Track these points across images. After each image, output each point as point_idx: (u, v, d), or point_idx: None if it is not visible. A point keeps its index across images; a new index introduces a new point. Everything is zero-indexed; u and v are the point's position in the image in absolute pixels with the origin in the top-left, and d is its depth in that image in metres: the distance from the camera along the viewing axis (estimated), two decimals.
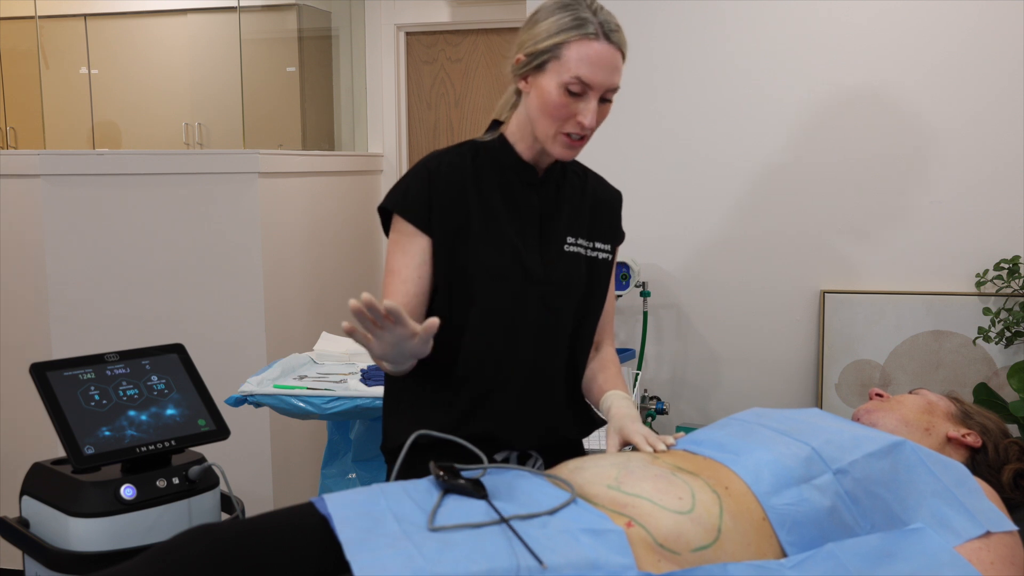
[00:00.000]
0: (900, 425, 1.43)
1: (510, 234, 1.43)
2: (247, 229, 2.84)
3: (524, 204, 1.45)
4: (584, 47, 1.31)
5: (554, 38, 1.32)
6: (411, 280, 1.42)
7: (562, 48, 1.32)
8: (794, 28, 2.64)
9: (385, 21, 4.20)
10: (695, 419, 2.84)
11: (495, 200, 1.44)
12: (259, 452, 2.89)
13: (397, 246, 1.44)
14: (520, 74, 1.39)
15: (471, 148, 1.48)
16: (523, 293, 1.43)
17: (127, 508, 1.37)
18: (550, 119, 1.36)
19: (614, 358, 1.57)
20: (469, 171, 1.44)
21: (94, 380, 1.46)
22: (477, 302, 1.42)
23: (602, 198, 1.55)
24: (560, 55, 1.32)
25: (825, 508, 1.20)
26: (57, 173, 2.77)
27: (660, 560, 1.10)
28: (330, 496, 1.18)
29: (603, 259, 1.52)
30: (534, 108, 1.37)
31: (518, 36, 1.40)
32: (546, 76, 1.34)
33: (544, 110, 1.35)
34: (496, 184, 1.45)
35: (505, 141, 1.46)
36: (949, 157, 2.58)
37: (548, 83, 1.34)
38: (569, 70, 1.32)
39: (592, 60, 1.31)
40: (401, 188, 1.44)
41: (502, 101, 1.50)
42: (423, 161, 1.46)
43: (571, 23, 1.32)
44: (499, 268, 1.41)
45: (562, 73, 1.32)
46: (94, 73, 4.52)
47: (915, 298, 2.61)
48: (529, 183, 1.46)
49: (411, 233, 1.42)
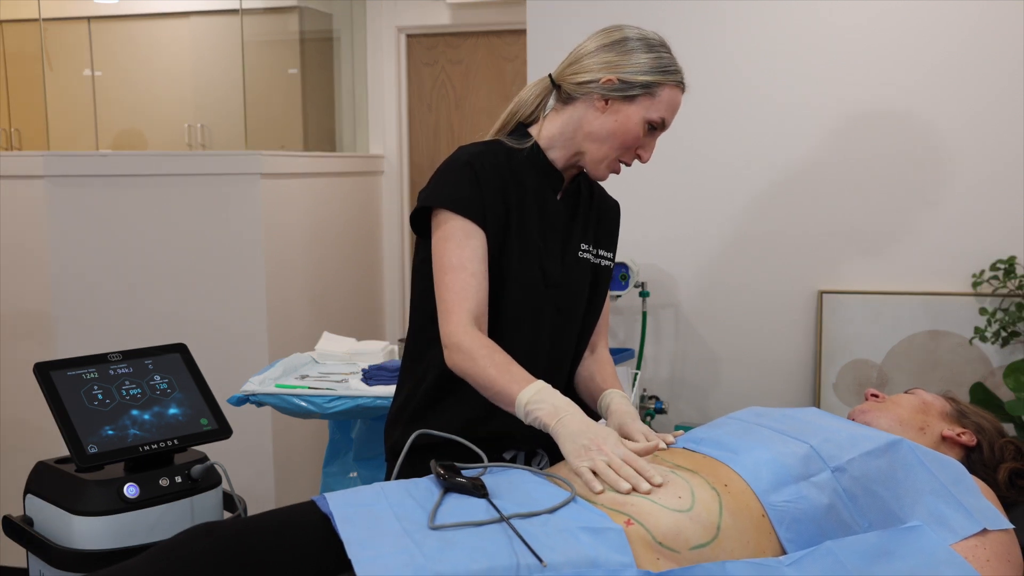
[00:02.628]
0: (895, 424, 1.43)
1: (536, 239, 1.44)
2: (249, 229, 2.86)
3: (552, 211, 1.47)
4: (674, 94, 1.41)
5: (654, 75, 1.39)
6: (479, 274, 1.37)
7: (659, 88, 1.39)
8: (794, 30, 2.65)
9: (386, 23, 4.22)
10: (694, 418, 2.85)
11: (529, 205, 1.44)
12: (261, 451, 2.90)
13: (453, 240, 1.37)
14: (605, 94, 1.39)
15: (504, 151, 1.46)
16: (541, 297, 1.45)
17: (130, 507, 1.37)
18: (617, 146, 1.41)
19: (609, 359, 1.60)
20: (508, 174, 1.43)
21: (97, 380, 1.46)
22: (503, 303, 1.43)
23: (605, 208, 1.59)
24: (655, 94, 1.39)
25: (823, 506, 1.21)
26: (61, 175, 2.78)
27: (659, 558, 1.10)
28: (331, 495, 1.19)
29: (605, 266, 1.56)
30: (603, 130, 1.40)
31: (599, 54, 1.40)
32: (634, 107, 1.39)
33: (616, 137, 1.40)
34: (530, 189, 1.45)
35: (538, 148, 1.46)
36: (947, 157, 2.58)
37: (634, 115, 1.39)
38: (659, 110, 1.40)
39: (673, 107, 1.42)
40: (447, 185, 1.40)
41: (526, 102, 1.49)
42: (463, 158, 1.42)
43: (669, 67, 1.40)
44: (526, 272, 1.43)
45: (651, 111, 1.40)
46: (97, 75, 4.53)
47: (912, 298, 2.61)
48: (555, 191, 1.49)
49: (466, 228, 1.38)
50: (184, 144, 4.43)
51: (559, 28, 2.77)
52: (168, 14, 4.42)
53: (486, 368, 1.31)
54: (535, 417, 1.27)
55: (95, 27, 4.53)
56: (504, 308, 1.43)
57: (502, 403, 1.32)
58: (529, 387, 1.29)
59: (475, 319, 1.35)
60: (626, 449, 1.24)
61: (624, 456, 1.22)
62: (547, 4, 2.80)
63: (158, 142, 4.52)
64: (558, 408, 1.27)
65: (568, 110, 1.44)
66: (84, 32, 4.53)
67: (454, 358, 1.34)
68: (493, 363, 1.31)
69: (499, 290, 1.42)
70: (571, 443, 1.23)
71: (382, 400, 1.99)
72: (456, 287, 1.35)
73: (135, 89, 4.51)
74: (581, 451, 1.22)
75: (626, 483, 1.18)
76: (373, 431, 2.24)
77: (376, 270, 4.12)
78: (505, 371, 1.31)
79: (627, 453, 1.23)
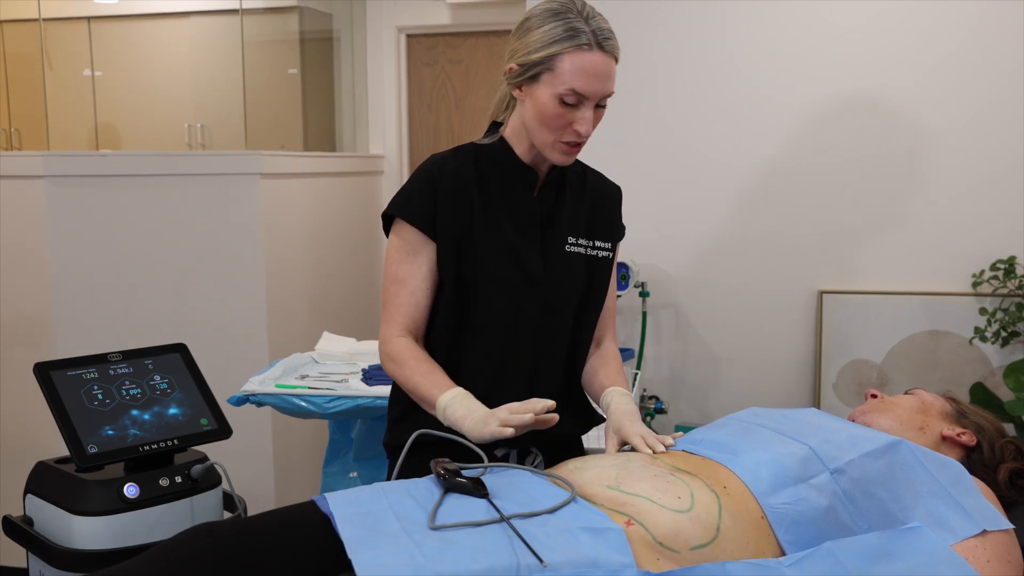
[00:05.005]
0: (895, 425, 1.43)
1: (512, 238, 1.43)
2: (249, 230, 2.86)
3: (526, 207, 1.46)
4: (578, 58, 1.30)
5: (547, 49, 1.31)
6: (420, 291, 1.44)
7: (555, 60, 1.31)
8: (793, 28, 2.65)
9: (386, 23, 4.22)
10: (694, 419, 2.85)
11: (497, 204, 1.44)
12: (261, 451, 2.90)
13: (402, 253, 1.44)
14: (514, 83, 1.39)
15: (472, 151, 1.48)
16: (524, 296, 1.44)
17: (130, 507, 1.37)
18: (547, 129, 1.36)
19: (615, 353, 1.57)
20: (472, 175, 1.44)
21: (97, 380, 1.46)
22: (479, 305, 1.43)
23: (602, 195, 1.55)
24: (554, 67, 1.31)
25: (823, 507, 1.21)
26: (60, 174, 2.78)
27: (659, 558, 1.10)
28: (331, 495, 1.19)
29: (603, 257, 1.52)
30: (530, 117, 1.38)
31: (509, 43, 1.39)
32: (540, 87, 1.34)
33: (540, 120, 1.36)
34: (498, 188, 1.45)
35: (505, 144, 1.46)
36: (946, 158, 2.59)
37: (543, 94, 1.33)
38: (564, 82, 1.31)
39: (587, 71, 1.31)
40: (405, 194, 1.44)
41: (496, 102, 1.50)
42: (425, 166, 1.46)
43: (564, 33, 1.31)
44: (501, 272, 1.42)
45: (556, 85, 1.32)
46: (97, 75, 4.53)
47: (912, 298, 2.61)
48: (530, 186, 1.47)
49: (416, 240, 1.43)
50: (184, 144, 4.43)
51: None
52: (168, 14, 4.42)
53: (411, 375, 1.40)
54: (450, 418, 1.34)
55: (95, 27, 4.53)
56: (480, 309, 1.43)
57: (426, 407, 1.40)
58: (447, 392, 1.36)
59: (409, 332, 1.45)
60: None
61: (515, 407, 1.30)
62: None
63: (158, 142, 4.52)
64: (471, 409, 1.33)
65: (519, 106, 1.43)
66: (84, 32, 4.53)
67: (386, 365, 1.45)
68: (418, 371, 1.39)
69: (472, 292, 1.43)
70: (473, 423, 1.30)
71: (382, 400, 1.99)
72: (397, 301, 1.45)
73: (135, 89, 4.51)
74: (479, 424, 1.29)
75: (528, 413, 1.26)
76: (373, 431, 2.24)
77: (376, 270, 4.12)
78: (428, 377, 1.39)
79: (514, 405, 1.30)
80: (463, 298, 1.43)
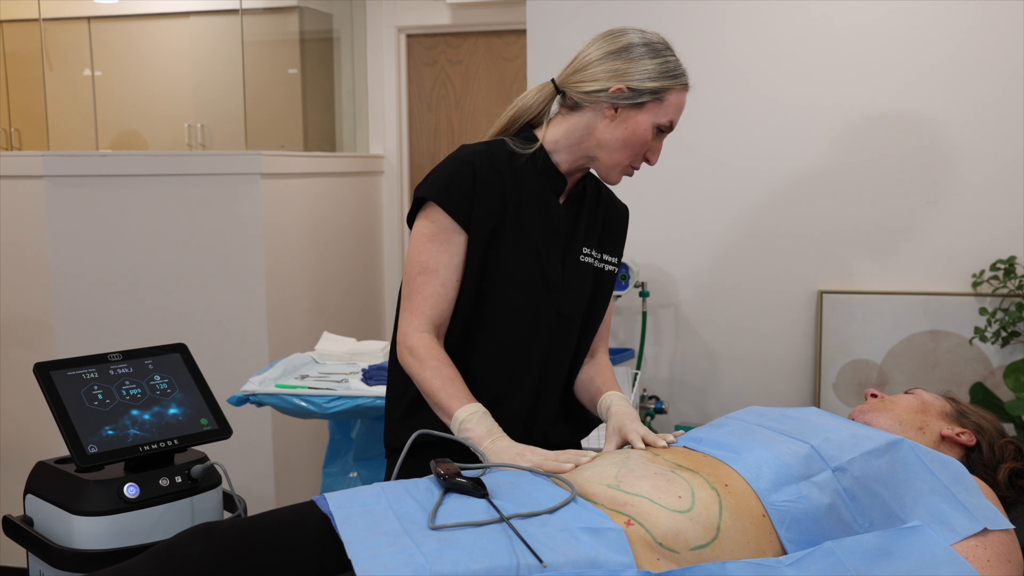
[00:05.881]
0: (894, 424, 1.43)
1: (537, 241, 1.45)
2: (249, 230, 2.86)
3: (554, 214, 1.48)
4: (681, 96, 1.42)
5: (661, 81, 1.39)
6: (450, 283, 1.41)
7: (666, 93, 1.40)
8: (795, 31, 2.65)
9: (386, 23, 4.22)
10: (694, 418, 2.85)
11: (528, 207, 1.45)
12: (261, 451, 2.90)
13: (434, 241, 1.41)
14: (614, 103, 1.40)
15: (506, 150, 1.46)
16: (541, 300, 1.45)
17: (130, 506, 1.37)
18: (628, 152, 1.42)
19: (609, 364, 1.61)
20: (509, 174, 1.44)
21: (97, 380, 1.46)
22: (497, 305, 1.44)
23: (614, 212, 1.59)
24: (663, 99, 1.40)
25: (824, 505, 1.21)
26: (61, 174, 2.78)
27: (659, 559, 1.10)
28: (331, 495, 1.19)
29: (609, 271, 1.56)
30: (615, 139, 1.41)
31: (605, 63, 1.39)
32: (643, 114, 1.40)
33: (627, 143, 1.41)
34: (531, 191, 1.46)
35: (544, 152, 1.47)
36: (946, 158, 2.59)
37: (644, 121, 1.40)
38: (667, 115, 1.41)
39: (681, 109, 1.43)
40: (442, 180, 1.41)
41: (529, 107, 1.48)
42: (463, 156, 1.43)
43: (675, 71, 1.41)
44: (523, 275, 1.44)
45: (659, 116, 1.41)
46: (97, 75, 4.53)
47: (912, 298, 2.62)
48: (557, 193, 1.49)
49: (450, 228, 1.40)
50: (184, 144, 4.43)
51: (559, 28, 2.77)
52: (168, 14, 4.42)
53: (432, 378, 1.37)
54: (468, 436, 1.33)
55: (95, 27, 4.53)
56: (499, 307, 1.44)
57: (440, 414, 1.38)
58: (467, 406, 1.34)
59: (434, 326, 1.41)
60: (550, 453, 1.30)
61: (552, 455, 1.28)
62: (547, 4, 2.80)
63: (158, 142, 4.52)
64: (491, 430, 1.32)
65: (574, 117, 1.44)
66: (84, 32, 4.53)
67: (405, 359, 1.40)
68: (439, 375, 1.37)
69: (492, 289, 1.43)
70: (499, 459, 1.29)
71: (382, 400, 1.99)
72: (426, 291, 1.40)
73: (135, 89, 4.51)
74: (515, 457, 1.28)
75: (567, 463, 1.25)
76: (373, 431, 2.24)
77: (376, 270, 4.13)
78: (449, 385, 1.36)
79: (552, 453, 1.29)
80: (484, 295, 1.44)
